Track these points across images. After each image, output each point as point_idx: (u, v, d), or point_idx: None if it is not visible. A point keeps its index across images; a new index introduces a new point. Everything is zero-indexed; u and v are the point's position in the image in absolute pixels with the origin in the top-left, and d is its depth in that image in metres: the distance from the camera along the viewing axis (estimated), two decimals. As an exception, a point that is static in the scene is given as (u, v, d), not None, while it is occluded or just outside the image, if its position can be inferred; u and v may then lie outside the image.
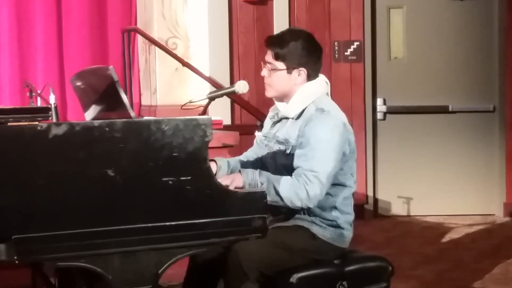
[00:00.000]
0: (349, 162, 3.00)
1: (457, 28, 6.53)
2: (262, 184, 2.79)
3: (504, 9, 6.41)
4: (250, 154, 3.23)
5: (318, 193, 2.83)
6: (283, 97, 3.05)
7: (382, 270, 3.05)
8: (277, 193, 2.80)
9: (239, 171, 2.91)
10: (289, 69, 2.99)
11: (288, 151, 2.96)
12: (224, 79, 6.23)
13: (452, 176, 6.52)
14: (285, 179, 2.83)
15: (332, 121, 2.92)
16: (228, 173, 3.09)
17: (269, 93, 3.06)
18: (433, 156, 6.53)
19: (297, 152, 2.90)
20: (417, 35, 6.52)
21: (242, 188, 2.74)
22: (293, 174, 2.86)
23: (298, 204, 2.83)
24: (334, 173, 2.90)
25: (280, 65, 2.99)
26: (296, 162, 2.89)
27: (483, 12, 6.51)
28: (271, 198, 2.76)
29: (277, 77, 3.00)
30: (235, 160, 3.20)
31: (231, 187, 2.67)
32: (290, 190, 2.81)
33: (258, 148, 3.20)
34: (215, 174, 2.99)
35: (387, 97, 6.53)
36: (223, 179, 2.73)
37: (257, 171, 2.85)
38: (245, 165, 3.17)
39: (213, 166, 3.02)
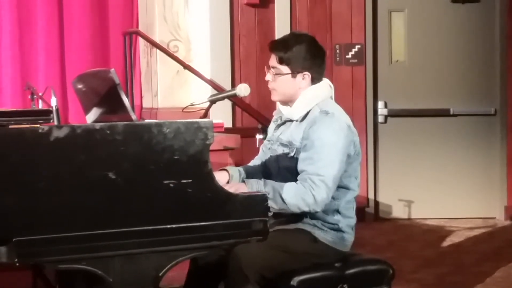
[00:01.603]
0: (354, 164, 3.00)
1: (458, 31, 6.53)
2: (267, 194, 2.78)
3: (506, 12, 6.42)
4: (257, 162, 3.23)
5: (325, 197, 2.83)
6: (288, 101, 3.05)
7: (383, 273, 3.05)
8: (284, 201, 2.80)
9: (243, 181, 2.91)
10: (294, 73, 2.99)
11: (292, 154, 2.96)
12: (225, 82, 6.23)
13: (453, 179, 6.52)
14: (290, 186, 2.83)
15: (337, 123, 2.92)
16: (240, 182, 3.07)
17: (274, 97, 3.07)
18: (434, 159, 6.53)
19: (302, 155, 2.90)
20: (418, 38, 6.53)
21: None
22: (298, 178, 2.86)
23: (305, 209, 2.84)
24: (339, 175, 2.90)
25: (285, 69, 3.00)
26: (300, 166, 2.89)
27: (484, 15, 6.51)
28: (278, 206, 2.77)
29: (282, 81, 3.01)
30: (244, 170, 3.19)
31: None
32: (297, 196, 2.80)
33: (264, 156, 3.20)
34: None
35: (388, 100, 6.53)
36: (226, 188, 2.72)
37: (261, 181, 2.84)
38: (251, 172, 3.17)
39: (225, 176, 3.03)
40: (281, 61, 3.00)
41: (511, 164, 6.44)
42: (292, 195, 2.80)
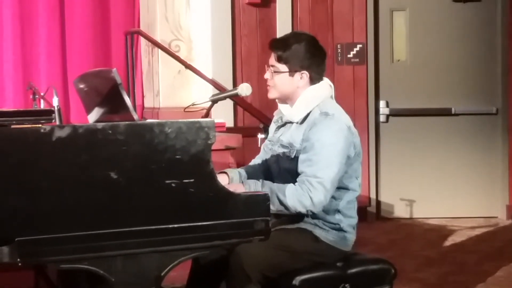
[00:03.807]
0: (354, 165, 3.00)
1: (459, 30, 6.53)
2: None
3: (507, 11, 6.42)
4: (257, 162, 3.23)
5: (322, 199, 2.83)
6: (286, 99, 3.05)
7: (384, 272, 3.05)
8: (281, 203, 2.80)
9: (242, 182, 2.91)
10: (292, 72, 2.99)
11: (292, 156, 2.96)
12: (227, 81, 6.23)
13: (455, 179, 6.52)
14: (288, 187, 2.83)
15: (337, 125, 2.92)
16: (239, 183, 3.07)
17: (271, 94, 3.07)
18: (435, 158, 6.53)
19: (301, 157, 2.90)
20: (419, 38, 6.53)
21: None
22: (297, 180, 2.86)
23: (303, 211, 2.84)
24: (338, 177, 2.90)
25: (283, 67, 3.00)
26: (300, 168, 2.89)
27: (485, 15, 6.51)
28: (275, 207, 2.77)
29: (280, 79, 3.01)
30: (244, 170, 3.19)
31: None
32: (294, 198, 2.81)
33: (265, 155, 3.20)
34: None
35: (390, 100, 6.53)
36: None
37: (259, 182, 2.85)
38: (251, 172, 3.17)
39: (225, 178, 3.03)
40: (279, 59, 3.00)
41: (513, 163, 6.45)
42: (290, 197, 2.81)
